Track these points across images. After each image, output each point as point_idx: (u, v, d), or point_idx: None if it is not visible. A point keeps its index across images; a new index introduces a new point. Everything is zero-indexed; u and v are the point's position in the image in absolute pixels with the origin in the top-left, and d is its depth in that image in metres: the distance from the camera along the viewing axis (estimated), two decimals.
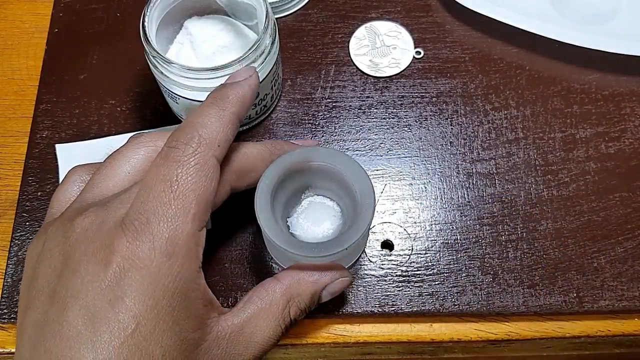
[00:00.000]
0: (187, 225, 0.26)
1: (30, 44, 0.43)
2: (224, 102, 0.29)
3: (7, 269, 0.36)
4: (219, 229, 0.36)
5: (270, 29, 0.34)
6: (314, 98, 0.41)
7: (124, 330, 0.24)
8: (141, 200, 0.26)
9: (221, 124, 0.29)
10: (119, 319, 0.24)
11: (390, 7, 0.44)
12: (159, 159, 0.28)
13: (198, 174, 0.27)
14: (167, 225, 0.26)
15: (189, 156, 0.27)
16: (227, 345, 0.28)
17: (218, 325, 0.28)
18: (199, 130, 0.28)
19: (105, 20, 0.44)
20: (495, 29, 0.42)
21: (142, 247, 0.25)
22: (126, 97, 0.41)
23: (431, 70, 0.42)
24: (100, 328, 0.24)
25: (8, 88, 0.42)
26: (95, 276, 0.25)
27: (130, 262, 0.25)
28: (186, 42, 0.38)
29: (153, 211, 0.26)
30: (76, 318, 0.24)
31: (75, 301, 0.25)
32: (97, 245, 0.26)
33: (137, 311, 0.24)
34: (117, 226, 0.26)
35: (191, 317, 0.26)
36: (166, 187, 0.26)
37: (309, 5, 0.44)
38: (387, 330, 0.35)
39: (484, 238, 0.36)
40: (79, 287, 0.25)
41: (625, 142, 0.39)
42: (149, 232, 0.25)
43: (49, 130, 0.40)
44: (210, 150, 0.28)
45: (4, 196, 0.38)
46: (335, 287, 0.31)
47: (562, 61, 0.42)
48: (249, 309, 0.29)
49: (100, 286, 0.25)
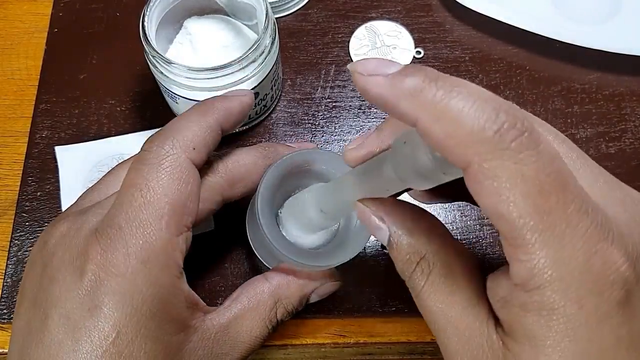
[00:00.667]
0: (161, 231, 0.25)
1: (30, 43, 0.43)
2: (207, 108, 0.29)
3: (6, 269, 0.36)
4: (219, 230, 0.36)
5: (270, 29, 0.34)
6: (314, 98, 0.41)
7: (105, 339, 0.24)
8: (114, 207, 0.26)
9: (199, 128, 0.28)
10: (99, 327, 0.24)
11: (390, 7, 0.44)
12: (133, 163, 0.27)
13: (170, 177, 0.26)
14: (139, 231, 0.25)
15: (161, 158, 0.26)
16: (213, 345, 0.27)
17: (203, 325, 0.27)
18: (174, 133, 0.27)
19: (105, 20, 0.43)
20: (496, 29, 0.42)
21: (116, 254, 0.25)
22: (126, 97, 0.41)
23: None
24: (81, 337, 0.24)
25: (7, 88, 0.42)
26: (72, 285, 0.25)
27: (105, 271, 0.25)
28: (186, 42, 0.38)
29: (125, 217, 0.25)
30: (57, 327, 0.24)
31: (55, 310, 0.25)
32: (73, 252, 0.25)
33: (117, 319, 0.24)
34: (92, 234, 0.26)
35: (174, 320, 0.26)
36: (137, 191, 0.26)
37: (309, 5, 0.44)
38: (387, 330, 0.35)
39: (484, 238, 0.36)
40: (58, 296, 0.25)
41: (625, 142, 0.39)
42: (122, 238, 0.25)
43: (49, 130, 0.40)
44: (184, 152, 0.27)
45: (4, 196, 0.38)
46: (324, 290, 0.31)
47: (562, 61, 0.42)
48: (236, 308, 0.29)
49: (79, 295, 0.24)
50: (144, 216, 0.25)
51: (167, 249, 0.26)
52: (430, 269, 0.23)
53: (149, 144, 0.27)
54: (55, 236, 0.27)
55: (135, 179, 0.26)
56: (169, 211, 0.26)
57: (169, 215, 0.26)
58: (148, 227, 0.25)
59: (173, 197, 0.26)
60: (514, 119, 0.18)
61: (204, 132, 0.28)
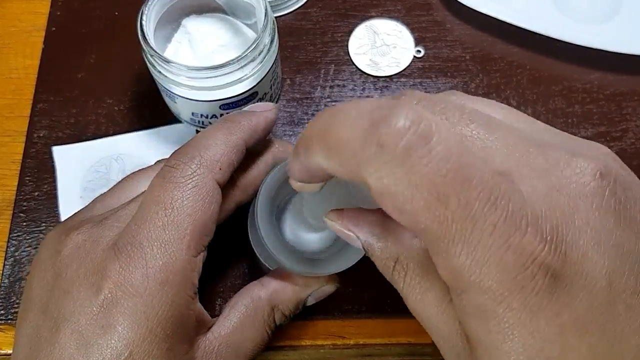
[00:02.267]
0: (181, 252, 0.25)
1: (27, 42, 0.43)
2: (234, 126, 0.29)
3: (3, 269, 0.35)
4: (219, 231, 0.36)
5: (269, 28, 0.34)
6: (314, 97, 0.41)
7: (117, 357, 0.24)
8: (136, 223, 0.26)
9: (226, 147, 0.27)
10: (112, 345, 0.24)
11: (390, 6, 0.44)
12: (157, 178, 0.27)
13: (195, 197, 0.26)
14: (160, 251, 0.25)
15: (187, 178, 0.26)
16: (216, 357, 0.27)
17: (205, 340, 0.27)
18: (200, 151, 0.27)
19: (103, 19, 0.43)
20: (496, 28, 0.42)
21: (135, 273, 0.25)
22: (124, 96, 0.41)
23: (431, 69, 0.42)
24: (92, 354, 0.24)
25: (5, 87, 0.42)
26: (87, 300, 0.25)
27: (122, 289, 0.24)
28: (184, 41, 0.38)
29: (146, 235, 0.25)
30: (68, 341, 0.24)
31: (68, 324, 0.24)
32: (89, 267, 0.25)
33: (130, 339, 0.24)
34: (109, 248, 0.25)
35: (184, 340, 0.26)
36: (160, 210, 0.25)
37: (309, 4, 0.44)
38: (387, 331, 0.35)
39: None
40: (72, 310, 0.25)
41: (627, 142, 0.39)
42: (142, 257, 0.25)
43: (46, 130, 0.39)
44: (210, 172, 0.26)
45: (1, 196, 0.38)
46: (321, 294, 0.31)
47: (563, 60, 0.42)
48: (234, 317, 0.28)
49: (92, 311, 0.24)
50: (166, 236, 0.25)
51: (185, 270, 0.25)
52: (405, 271, 0.22)
53: (174, 160, 0.27)
54: (70, 247, 0.26)
55: (159, 196, 0.26)
56: (191, 232, 0.25)
57: (190, 236, 0.25)
58: (169, 247, 0.25)
59: (196, 217, 0.26)
60: (391, 119, 0.17)
61: (230, 151, 0.28)
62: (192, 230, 0.26)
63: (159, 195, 0.26)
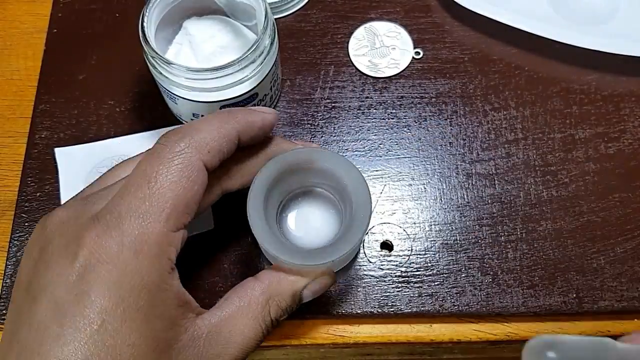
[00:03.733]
0: (159, 225, 0.25)
1: (29, 44, 0.43)
2: (230, 117, 0.29)
3: (6, 269, 0.35)
4: (219, 230, 0.36)
5: (270, 30, 0.34)
6: (313, 98, 0.41)
7: (90, 325, 0.24)
8: (119, 194, 0.26)
9: (218, 134, 0.28)
10: (84, 314, 0.24)
11: (389, 8, 0.44)
12: (145, 155, 0.27)
13: (180, 174, 0.26)
14: (138, 221, 0.25)
15: (174, 154, 0.26)
16: (204, 345, 0.27)
17: (194, 325, 0.27)
18: (192, 133, 0.27)
19: (104, 21, 0.43)
20: (495, 30, 0.42)
21: (110, 241, 0.25)
22: (125, 97, 0.41)
23: (430, 70, 0.42)
24: (66, 323, 0.24)
25: (7, 89, 0.42)
26: (63, 269, 0.25)
27: (97, 257, 0.24)
28: (185, 43, 0.38)
29: (126, 206, 0.25)
30: (45, 311, 0.24)
31: (44, 294, 0.25)
32: (69, 238, 0.25)
33: (103, 307, 0.24)
34: (90, 219, 0.26)
35: (162, 317, 0.26)
36: (144, 182, 0.26)
37: (308, 6, 0.44)
38: (386, 330, 0.35)
39: (483, 239, 0.36)
40: (49, 280, 0.25)
41: (624, 143, 0.39)
42: (119, 227, 0.25)
43: (48, 131, 0.40)
44: (198, 153, 0.27)
45: (3, 197, 0.38)
46: (317, 286, 0.30)
47: (561, 62, 0.42)
48: (227, 308, 0.28)
49: (68, 280, 0.24)
50: (145, 208, 0.25)
51: (161, 242, 0.26)
52: None
53: (165, 139, 0.27)
54: (55, 222, 0.27)
55: (145, 170, 0.26)
56: (171, 206, 0.26)
57: (170, 210, 0.26)
58: (147, 218, 0.25)
59: (178, 193, 0.26)
60: None
61: (221, 138, 0.28)
62: (172, 204, 0.26)
63: (144, 170, 0.26)
